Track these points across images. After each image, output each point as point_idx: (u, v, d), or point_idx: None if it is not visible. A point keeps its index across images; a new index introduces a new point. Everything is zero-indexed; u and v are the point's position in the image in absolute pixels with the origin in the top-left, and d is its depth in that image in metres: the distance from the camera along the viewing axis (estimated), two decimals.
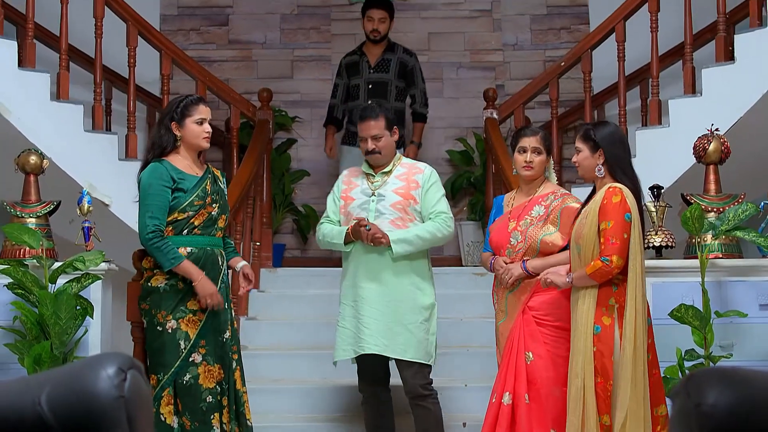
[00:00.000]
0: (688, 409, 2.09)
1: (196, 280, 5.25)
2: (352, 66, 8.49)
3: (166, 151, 5.37)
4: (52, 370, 2.92)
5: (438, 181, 5.85)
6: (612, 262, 4.83)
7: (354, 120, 7.75)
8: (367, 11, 8.36)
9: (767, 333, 5.80)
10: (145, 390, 2.68)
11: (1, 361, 5.70)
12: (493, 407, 5.25)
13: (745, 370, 2.18)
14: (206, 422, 5.22)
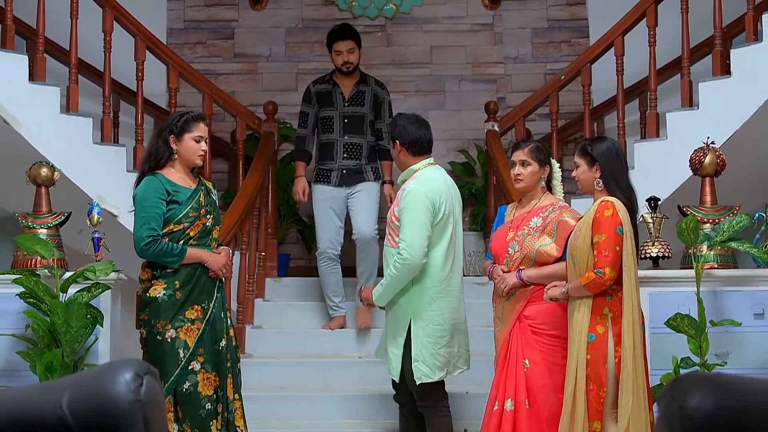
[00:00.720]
0: (673, 411, 2.23)
1: (206, 259, 5.46)
2: (324, 95, 7.91)
3: (161, 163, 5.50)
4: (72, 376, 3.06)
5: (409, 204, 5.68)
6: (605, 274, 4.97)
7: (328, 155, 7.73)
8: (334, 45, 7.85)
9: (762, 342, 5.89)
10: (160, 394, 2.82)
11: (12, 368, 5.82)
12: (495, 414, 5.38)
13: (727, 376, 2.32)
14: (205, 428, 5.34)
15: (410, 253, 5.58)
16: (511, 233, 5.62)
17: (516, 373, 5.38)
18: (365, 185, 7.71)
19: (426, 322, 5.67)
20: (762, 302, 5.93)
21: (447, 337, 5.74)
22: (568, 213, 5.53)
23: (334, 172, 7.71)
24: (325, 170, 7.76)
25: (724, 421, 2.10)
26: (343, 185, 7.68)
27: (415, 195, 5.67)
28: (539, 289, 5.43)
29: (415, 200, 5.65)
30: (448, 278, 5.74)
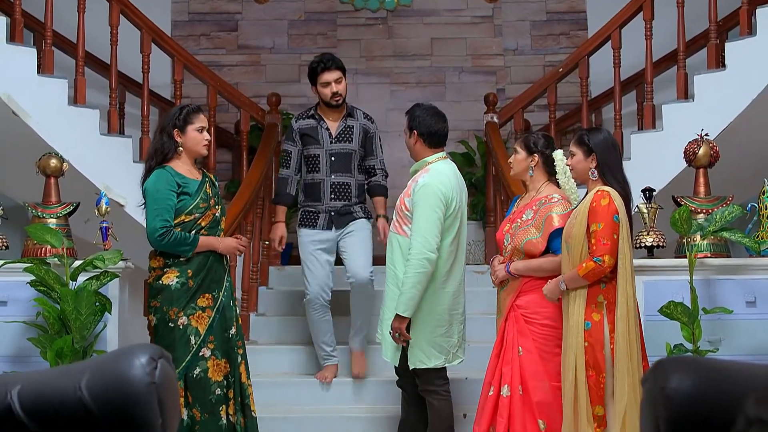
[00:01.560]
0: (655, 392, 2.39)
1: (217, 246, 5.68)
2: (309, 132, 7.08)
3: (168, 157, 5.67)
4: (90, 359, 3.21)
5: (423, 199, 5.76)
6: (604, 262, 5.11)
7: (314, 196, 7.03)
8: (320, 76, 6.98)
9: (753, 329, 6.02)
10: (173, 377, 2.99)
11: (23, 354, 5.97)
12: (491, 399, 5.53)
13: (706, 359, 2.48)
14: (215, 413, 5.52)
15: (425, 247, 5.68)
16: (508, 225, 5.77)
17: (512, 360, 5.53)
18: (356, 224, 7.03)
19: (424, 311, 5.78)
20: (754, 290, 6.04)
21: (445, 327, 5.86)
22: (558, 207, 5.58)
23: (321, 215, 7.01)
24: (311, 213, 7.05)
25: (702, 401, 2.25)
26: (332, 228, 7.01)
27: (428, 190, 5.75)
28: (530, 281, 5.56)
29: (428, 196, 5.74)
30: (450, 269, 5.87)
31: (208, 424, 5.51)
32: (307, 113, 7.19)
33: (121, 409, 2.86)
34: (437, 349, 5.83)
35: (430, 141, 5.95)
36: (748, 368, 2.39)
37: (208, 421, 5.51)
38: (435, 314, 5.82)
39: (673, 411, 2.30)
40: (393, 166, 10.23)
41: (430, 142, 5.95)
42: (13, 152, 7.41)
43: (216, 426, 5.53)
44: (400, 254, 5.84)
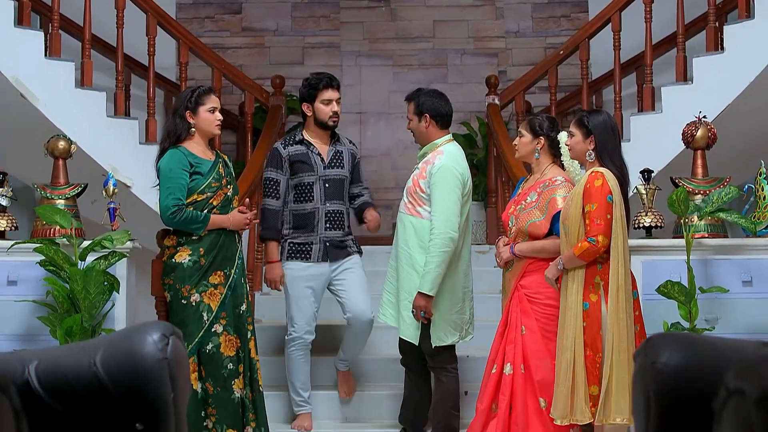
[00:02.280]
0: (646, 366, 2.50)
1: (227, 223, 5.84)
2: (300, 159, 6.47)
3: (181, 138, 5.82)
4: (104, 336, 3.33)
5: (441, 181, 5.90)
6: (598, 242, 5.21)
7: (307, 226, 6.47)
8: (322, 93, 6.46)
9: (749, 307, 6.13)
10: (184, 353, 3.11)
11: (33, 332, 6.07)
12: (494, 377, 5.66)
13: (695, 336, 2.59)
14: (227, 387, 5.70)
15: (449, 227, 5.85)
16: (513, 207, 5.87)
17: (514, 339, 5.64)
18: (352, 261, 6.56)
19: (443, 290, 5.92)
20: (750, 270, 6.14)
21: (459, 304, 6.03)
22: (561, 190, 5.67)
23: (315, 246, 6.45)
24: (301, 245, 6.47)
25: (690, 374, 2.37)
26: (327, 260, 6.47)
27: (447, 172, 5.92)
28: (534, 261, 5.67)
29: (448, 177, 5.91)
30: (461, 248, 6.02)
31: (221, 397, 5.68)
32: (292, 139, 6.54)
33: (134, 384, 2.99)
34: (453, 326, 6.00)
35: (441, 123, 6.13)
36: (734, 344, 2.51)
37: (221, 395, 5.68)
38: (452, 292, 6.00)
39: (662, 384, 2.42)
40: (396, 147, 10.39)
41: (442, 124, 6.13)
42: (21, 134, 7.50)
43: (229, 399, 5.70)
44: (414, 235, 5.97)
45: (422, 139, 6.13)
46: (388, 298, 6.16)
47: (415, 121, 6.11)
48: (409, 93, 6.27)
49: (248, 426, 5.80)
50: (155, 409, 3.00)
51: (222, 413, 5.69)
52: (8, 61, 7.11)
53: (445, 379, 6.04)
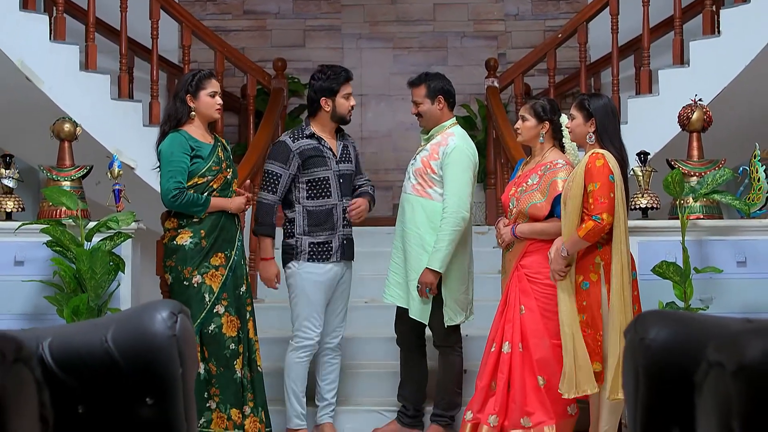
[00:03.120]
0: (635, 342, 2.62)
1: (228, 206, 5.93)
2: (311, 153, 6.11)
3: (181, 122, 5.90)
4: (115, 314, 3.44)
5: (456, 162, 5.99)
6: (603, 220, 5.34)
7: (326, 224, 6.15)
8: (344, 87, 6.14)
9: (743, 287, 6.25)
10: (192, 330, 3.22)
11: (40, 312, 6.18)
12: (493, 355, 5.80)
13: (683, 313, 2.70)
14: (230, 367, 5.81)
15: (462, 207, 5.95)
16: (513, 189, 5.97)
17: (513, 318, 5.78)
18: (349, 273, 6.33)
19: (453, 270, 6.03)
20: (744, 250, 6.26)
21: (466, 284, 6.15)
22: (562, 173, 5.77)
23: (335, 244, 6.14)
24: (323, 244, 6.12)
25: (676, 350, 2.48)
26: (343, 259, 6.20)
27: (461, 153, 6.02)
28: (534, 242, 5.78)
29: (462, 158, 6.02)
30: (467, 229, 6.12)
31: (224, 377, 5.78)
32: (301, 133, 6.17)
33: (145, 360, 3.10)
34: (461, 306, 6.10)
35: (450, 104, 6.24)
36: (720, 321, 2.62)
37: (224, 375, 5.78)
38: (462, 272, 6.11)
39: (650, 359, 2.53)
40: (396, 129, 10.48)
41: (450, 105, 6.24)
42: (26, 117, 7.59)
43: (231, 379, 5.81)
44: (424, 216, 6.04)
45: (433, 122, 6.17)
46: (395, 278, 6.20)
47: (428, 103, 6.14)
48: (415, 77, 6.30)
49: (246, 405, 5.90)
50: (165, 384, 3.11)
51: (225, 393, 5.80)
52: (14, 44, 7.20)
53: (452, 358, 6.16)
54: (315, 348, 6.16)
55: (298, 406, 6.15)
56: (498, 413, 5.68)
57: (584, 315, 5.42)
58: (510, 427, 5.71)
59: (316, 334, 6.11)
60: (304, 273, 6.10)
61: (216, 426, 5.76)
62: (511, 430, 5.71)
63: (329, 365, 6.27)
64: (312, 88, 6.23)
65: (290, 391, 6.15)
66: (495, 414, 5.69)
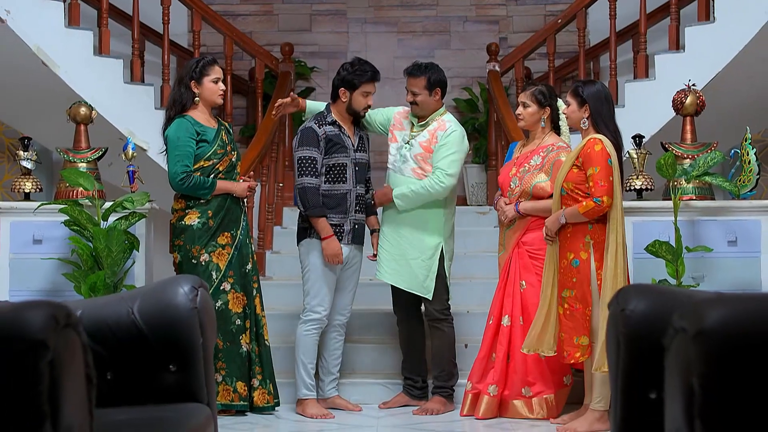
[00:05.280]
0: (617, 313, 2.88)
1: (233, 189, 6.17)
2: (335, 139, 6.35)
3: (186, 107, 6.14)
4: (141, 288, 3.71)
5: (454, 141, 6.29)
6: (603, 202, 5.59)
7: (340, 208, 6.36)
8: (365, 85, 6.34)
9: (734, 266, 6.49)
10: (211, 303, 3.50)
11: (58, 288, 6.45)
12: (491, 328, 6.12)
13: (660, 286, 2.95)
14: (236, 342, 6.09)
15: (450, 180, 6.27)
16: (514, 169, 6.23)
17: (513, 293, 6.08)
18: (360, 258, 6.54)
19: (449, 245, 6.40)
20: (735, 230, 6.49)
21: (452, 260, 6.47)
22: (564, 153, 6.05)
23: (346, 228, 6.36)
24: (335, 225, 6.31)
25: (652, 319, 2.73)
26: (354, 242, 6.40)
27: (459, 135, 6.33)
28: (536, 220, 6.06)
29: (459, 139, 6.32)
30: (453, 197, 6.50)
31: (230, 351, 6.05)
32: (324, 120, 6.37)
33: (168, 330, 3.38)
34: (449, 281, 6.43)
35: (444, 95, 6.47)
36: (691, 293, 2.88)
37: (230, 349, 6.05)
38: (453, 247, 6.52)
39: (629, 328, 2.79)
40: None
41: (443, 95, 6.46)
42: (42, 100, 7.83)
43: (237, 353, 6.08)
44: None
45: (427, 111, 6.39)
46: (388, 258, 6.42)
47: (426, 94, 6.33)
48: (413, 68, 6.42)
49: (254, 378, 6.16)
50: (186, 352, 3.39)
51: (231, 367, 6.05)
52: (30, 30, 7.42)
53: (447, 329, 6.40)
54: (324, 322, 6.32)
55: (307, 377, 6.31)
56: (497, 383, 5.99)
57: (574, 291, 5.68)
58: (511, 397, 6.03)
59: (324, 309, 6.29)
60: (317, 251, 6.26)
61: (222, 398, 6.01)
62: (512, 399, 6.02)
63: (335, 341, 6.47)
64: (338, 75, 6.42)
65: (300, 362, 6.32)
66: (495, 384, 6.00)
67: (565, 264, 5.72)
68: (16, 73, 7.71)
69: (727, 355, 2.10)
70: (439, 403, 6.31)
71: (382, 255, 6.44)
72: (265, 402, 6.18)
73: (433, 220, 6.36)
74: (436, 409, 6.25)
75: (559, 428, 5.75)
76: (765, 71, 7.88)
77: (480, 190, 9.71)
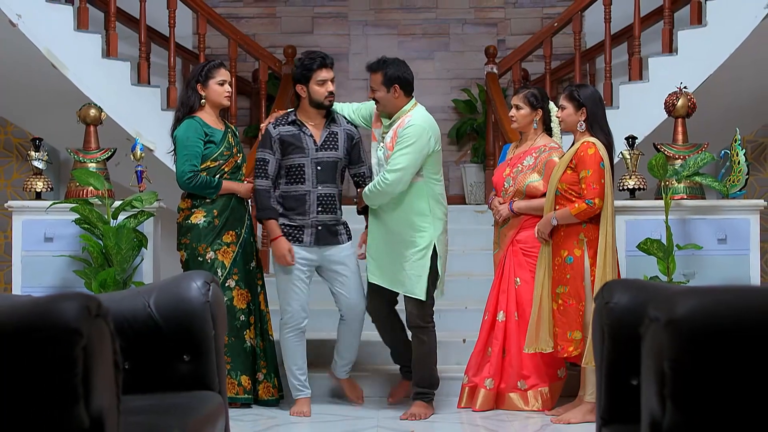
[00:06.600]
0: (601, 306, 3.09)
1: (238, 189, 6.35)
2: (290, 140, 6.25)
3: (193, 108, 6.33)
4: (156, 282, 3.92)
5: (408, 136, 5.95)
6: (595, 204, 5.81)
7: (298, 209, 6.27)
8: (316, 73, 6.19)
9: (724, 263, 6.65)
10: (222, 298, 3.72)
11: (68, 284, 6.61)
12: (486, 324, 6.32)
13: (642, 281, 3.17)
14: (240, 337, 6.29)
15: (394, 176, 5.94)
16: (508, 170, 6.42)
17: (508, 289, 6.28)
18: (343, 251, 6.36)
19: (442, 244, 6.12)
20: (725, 229, 6.66)
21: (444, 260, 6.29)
22: (556, 154, 6.25)
23: (307, 230, 6.25)
24: (294, 227, 6.25)
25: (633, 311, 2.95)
26: (318, 244, 6.28)
27: (418, 129, 5.98)
28: (529, 218, 6.25)
29: (416, 133, 5.96)
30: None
31: (235, 346, 6.24)
32: (285, 119, 6.33)
33: (182, 323, 3.60)
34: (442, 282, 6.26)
35: (407, 91, 6.11)
36: (669, 287, 3.09)
37: (235, 344, 6.24)
38: (446, 245, 6.22)
39: (613, 319, 3.01)
40: None
41: (408, 92, 6.11)
42: (51, 102, 8.04)
43: (241, 348, 6.28)
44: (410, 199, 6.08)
45: (390, 109, 6.11)
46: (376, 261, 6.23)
47: (383, 91, 6.06)
48: (373, 62, 6.19)
49: (259, 372, 6.36)
50: (200, 343, 3.61)
51: (236, 361, 6.24)
52: (40, 33, 7.62)
53: (430, 335, 6.20)
54: (299, 323, 6.29)
55: (294, 380, 6.32)
56: (493, 377, 6.20)
57: (567, 287, 5.89)
58: (507, 390, 6.22)
59: (294, 310, 6.27)
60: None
61: (227, 391, 6.12)
62: (508, 392, 6.22)
63: (344, 333, 6.40)
64: (292, 75, 6.47)
65: (287, 368, 6.36)
66: (491, 377, 6.20)
67: (559, 261, 5.92)
68: (27, 75, 7.92)
69: (696, 341, 2.32)
70: (423, 407, 6.18)
71: (371, 255, 6.26)
72: (269, 395, 6.38)
73: (424, 219, 6.09)
74: (423, 414, 6.14)
75: (553, 419, 5.96)
76: (755, 74, 8.07)
77: (478, 190, 9.92)
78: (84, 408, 2.33)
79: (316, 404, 6.41)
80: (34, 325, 2.29)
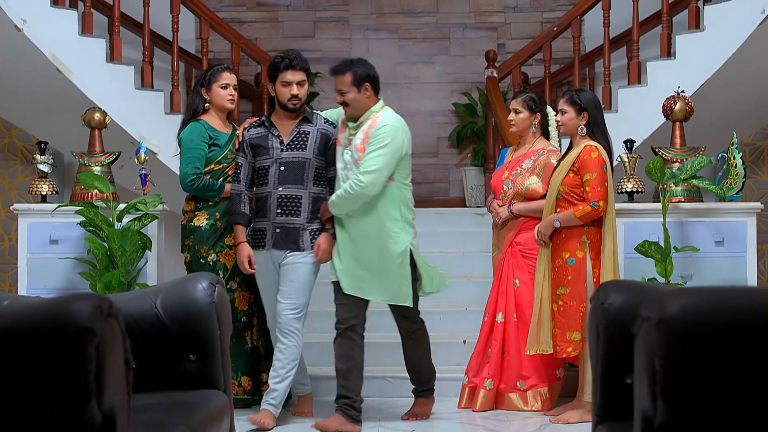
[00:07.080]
0: (597, 307, 3.18)
1: None
2: (259, 142, 6.18)
3: (198, 112, 6.42)
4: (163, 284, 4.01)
5: (383, 136, 5.81)
6: (599, 207, 5.91)
7: (261, 211, 6.18)
8: (281, 75, 6.15)
9: (721, 265, 6.73)
10: (227, 299, 3.81)
11: (73, 286, 6.67)
12: (486, 325, 6.41)
13: (636, 282, 3.25)
14: (241, 338, 6.38)
15: (369, 177, 5.76)
16: (507, 173, 6.52)
17: (507, 291, 6.37)
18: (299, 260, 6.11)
19: (415, 247, 5.93)
20: (722, 231, 6.73)
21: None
22: (554, 157, 6.35)
23: (268, 232, 6.14)
24: (259, 231, 6.19)
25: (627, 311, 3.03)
26: (277, 247, 6.11)
27: (392, 130, 5.85)
28: (528, 220, 6.35)
29: (391, 135, 5.83)
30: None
31: (236, 347, 6.26)
32: (258, 121, 6.33)
33: (189, 323, 3.69)
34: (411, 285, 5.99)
35: (377, 89, 5.99)
36: (662, 288, 3.18)
37: (236, 345, 6.26)
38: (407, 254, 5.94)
39: (607, 319, 3.10)
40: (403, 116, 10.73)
41: (377, 90, 5.99)
42: (56, 105, 8.12)
43: (242, 349, 6.38)
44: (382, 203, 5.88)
45: (360, 109, 5.93)
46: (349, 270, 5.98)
47: (354, 92, 5.89)
48: (339, 65, 6.06)
49: (264, 373, 6.40)
50: (205, 343, 3.70)
51: (237, 362, 6.29)
52: (45, 38, 7.69)
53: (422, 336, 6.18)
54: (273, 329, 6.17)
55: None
56: (493, 377, 6.28)
57: (568, 288, 5.98)
58: (506, 390, 6.31)
59: (269, 315, 6.24)
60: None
61: None
62: (508, 392, 6.30)
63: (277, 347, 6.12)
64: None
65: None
66: (490, 378, 6.28)
67: (560, 263, 6.01)
68: (31, 79, 7.99)
69: (686, 339, 2.40)
70: (424, 405, 6.21)
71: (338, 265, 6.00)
72: None
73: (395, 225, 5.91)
74: (425, 413, 6.17)
75: (552, 419, 6.05)
76: (752, 78, 8.14)
77: (478, 192, 9.99)
78: (96, 405, 2.42)
79: (317, 404, 6.44)
80: (49, 324, 2.38)
